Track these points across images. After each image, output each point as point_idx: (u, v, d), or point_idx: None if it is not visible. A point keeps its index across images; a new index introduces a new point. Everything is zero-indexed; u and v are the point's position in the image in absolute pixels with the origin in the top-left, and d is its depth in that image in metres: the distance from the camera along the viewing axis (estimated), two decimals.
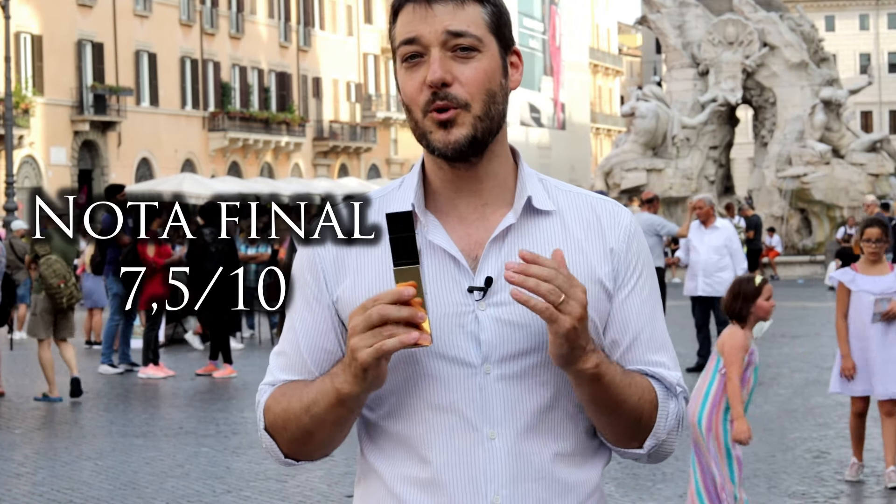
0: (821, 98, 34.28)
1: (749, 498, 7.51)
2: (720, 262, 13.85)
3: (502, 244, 2.07)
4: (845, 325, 8.11)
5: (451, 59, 2.04)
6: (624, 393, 2.04)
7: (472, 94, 2.04)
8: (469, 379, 2.04)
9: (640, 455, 2.14)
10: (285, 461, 2.15)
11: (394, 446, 2.09)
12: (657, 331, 2.15)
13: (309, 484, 8.68)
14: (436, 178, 2.13)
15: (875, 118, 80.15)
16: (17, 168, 42.27)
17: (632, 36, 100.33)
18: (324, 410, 2.04)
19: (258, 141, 56.09)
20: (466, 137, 2.04)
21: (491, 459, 2.04)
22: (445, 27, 2.03)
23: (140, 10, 50.54)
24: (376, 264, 2.08)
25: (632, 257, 2.13)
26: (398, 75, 2.10)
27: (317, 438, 2.09)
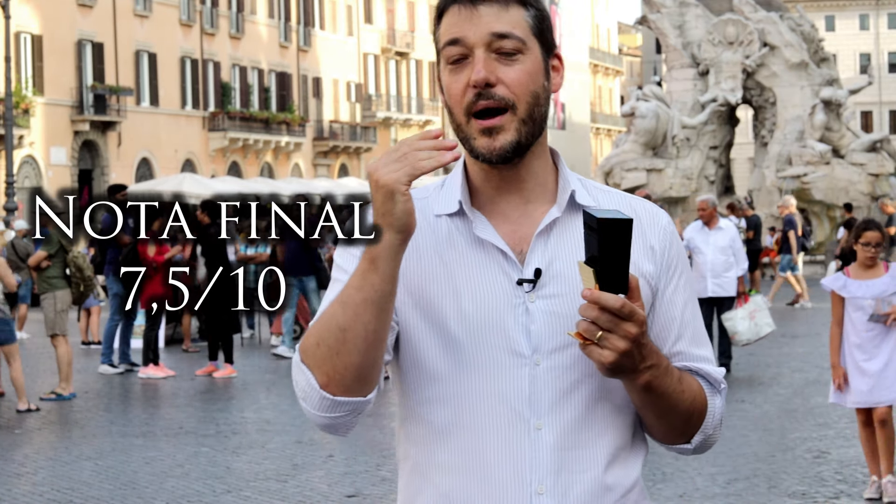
0: (821, 98, 34.27)
1: (749, 498, 7.51)
2: (727, 262, 13.83)
3: (548, 237, 2.11)
4: (839, 332, 7.76)
5: (495, 60, 2.07)
6: (676, 399, 2.08)
7: (517, 95, 2.07)
8: (518, 369, 2.07)
9: (686, 449, 2.18)
10: (321, 396, 2.00)
11: (437, 434, 2.10)
12: (698, 327, 2.21)
13: (309, 484, 8.68)
14: (477, 178, 2.16)
15: (875, 118, 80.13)
16: (17, 168, 42.26)
17: (632, 36, 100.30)
18: (356, 288, 1.96)
19: (258, 141, 56.08)
20: (511, 143, 2.08)
21: (536, 450, 2.06)
22: (490, 29, 2.06)
23: (140, 10, 50.53)
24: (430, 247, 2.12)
25: (672, 257, 2.18)
26: (442, 77, 2.12)
27: (352, 335, 1.96)
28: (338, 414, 2.03)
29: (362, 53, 65.84)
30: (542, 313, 2.07)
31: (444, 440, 2.09)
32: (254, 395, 13.21)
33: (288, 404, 12.38)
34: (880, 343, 7.67)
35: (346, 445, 9.99)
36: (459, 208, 2.12)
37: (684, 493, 8.18)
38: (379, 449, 9.71)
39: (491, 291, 2.08)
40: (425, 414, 2.10)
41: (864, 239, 7.66)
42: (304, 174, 59.25)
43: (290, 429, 10.96)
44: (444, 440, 2.09)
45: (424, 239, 2.11)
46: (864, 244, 7.66)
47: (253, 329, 19.30)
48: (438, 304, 2.07)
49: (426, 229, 2.12)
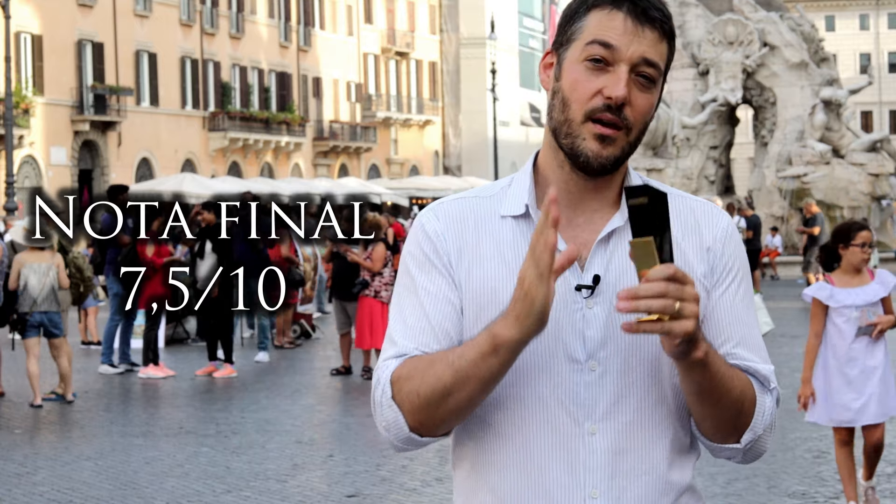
0: (821, 98, 34.27)
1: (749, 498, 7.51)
2: None
3: (607, 245, 2.13)
4: (818, 345, 7.14)
5: (633, 81, 2.08)
6: (728, 383, 2.07)
7: (637, 120, 2.09)
8: (574, 374, 2.09)
9: (736, 451, 2.17)
10: (407, 436, 2.08)
11: (494, 435, 2.12)
12: (751, 332, 2.19)
13: (309, 484, 8.68)
14: (553, 175, 2.16)
15: (875, 118, 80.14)
16: (17, 168, 42.27)
17: None
18: (473, 362, 1.99)
19: (258, 141, 56.09)
20: (616, 157, 2.10)
21: (591, 454, 2.08)
22: (645, 53, 2.07)
23: (140, 10, 50.53)
24: (493, 252, 2.12)
25: (728, 258, 2.18)
26: (570, 66, 2.11)
27: (454, 399, 2.02)
28: (418, 447, 2.13)
29: (362, 53, 65.84)
30: (598, 320, 2.09)
31: (500, 441, 2.12)
32: (254, 395, 13.21)
33: (288, 404, 12.38)
34: (870, 356, 7.10)
35: (346, 445, 10.00)
36: (525, 211, 2.14)
37: None
38: (379, 449, 9.71)
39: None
40: (483, 415, 2.12)
41: (858, 240, 7.08)
42: (304, 174, 59.24)
43: (290, 429, 10.96)
44: (501, 441, 2.11)
45: (489, 241, 2.13)
46: (860, 245, 7.08)
47: (253, 329, 19.29)
48: (499, 308, 2.07)
49: (491, 229, 2.14)
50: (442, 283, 2.12)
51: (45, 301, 12.46)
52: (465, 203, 2.18)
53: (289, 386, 13.73)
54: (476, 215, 2.16)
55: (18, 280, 12.38)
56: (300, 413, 11.88)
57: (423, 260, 2.14)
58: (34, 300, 12.40)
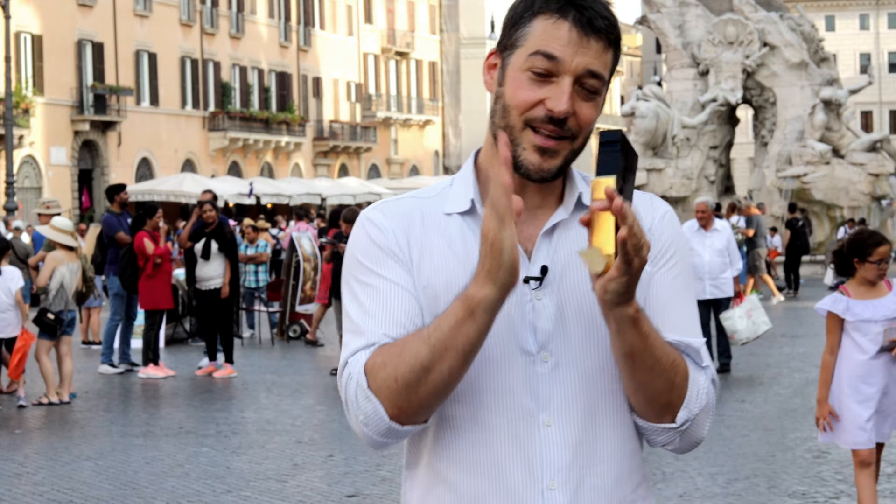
0: (821, 98, 34.27)
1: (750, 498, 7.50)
2: (723, 263, 13.83)
3: (551, 237, 2.13)
4: (833, 362, 6.67)
5: (577, 92, 2.07)
6: (659, 350, 2.05)
7: (581, 129, 2.09)
8: (527, 367, 2.08)
9: (672, 433, 2.13)
10: (388, 426, 2.03)
11: (450, 430, 2.11)
12: (686, 310, 2.18)
13: (309, 484, 8.68)
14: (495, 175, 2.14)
15: (875, 118, 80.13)
16: (17, 168, 42.26)
17: (632, 36, 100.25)
18: (449, 332, 1.96)
19: (258, 141, 56.08)
20: (558, 167, 2.10)
21: (547, 446, 2.07)
22: (589, 65, 2.07)
23: (140, 10, 50.53)
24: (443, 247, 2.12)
25: (666, 239, 2.17)
26: (513, 73, 2.09)
27: (435, 375, 1.97)
28: (398, 439, 2.08)
29: (362, 53, 65.83)
30: (548, 311, 2.08)
31: (456, 436, 2.10)
32: (254, 395, 13.21)
33: (288, 404, 12.38)
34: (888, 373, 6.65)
35: (346, 445, 9.99)
36: (471, 206, 2.13)
37: (684, 493, 8.18)
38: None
39: None
40: (439, 409, 2.10)
41: (875, 256, 6.59)
42: (304, 174, 59.25)
43: (290, 429, 10.96)
44: (457, 436, 2.10)
45: (436, 238, 2.12)
46: (876, 261, 6.60)
47: (253, 329, 19.30)
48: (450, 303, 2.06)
49: (437, 228, 2.13)
50: (399, 270, 2.09)
51: (73, 300, 12.61)
52: (409, 202, 2.17)
53: (289, 386, 13.73)
54: (422, 213, 2.14)
55: (51, 278, 12.40)
56: (300, 413, 11.88)
57: (377, 253, 2.10)
58: (67, 299, 12.50)
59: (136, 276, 14.54)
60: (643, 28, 48.74)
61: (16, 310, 12.04)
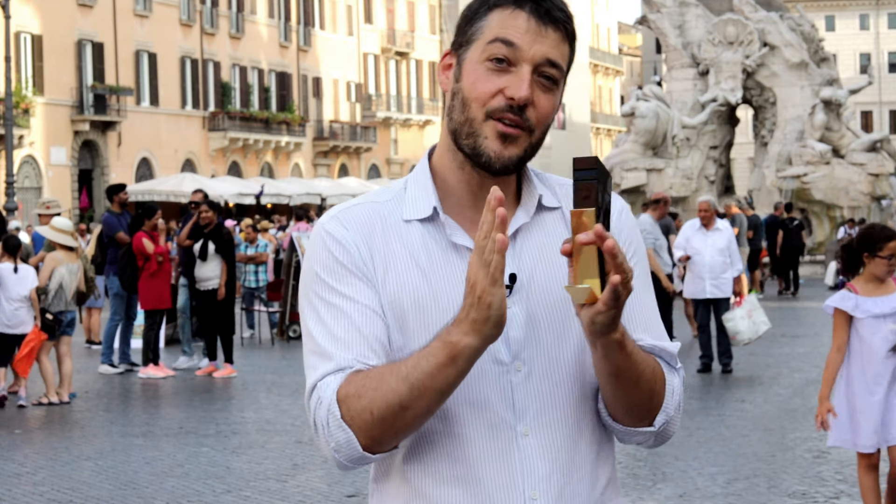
0: (821, 98, 34.28)
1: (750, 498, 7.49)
2: (724, 262, 13.83)
3: (514, 242, 2.10)
4: (840, 360, 6.47)
5: (535, 82, 2.06)
6: (641, 363, 2.06)
7: (539, 122, 2.08)
8: (501, 377, 2.06)
9: (649, 435, 2.15)
10: (360, 455, 2.01)
11: (425, 445, 2.08)
12: (651, 312, 2.18)
13: (309, 484, 8.68)
14: (452, 176, 2.13)
15: (875, 118, 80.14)
16: (17, 168, 42.26)
17: (632, 36, 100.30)
18: (429, 374, 1.94)
19: (258, 141, 56.09)
20: (518, 158, 2.07)
21: (526, 456, 2.06)
22: (547, 54, 2.06)
23: (140, 10, 50.53)
24: (406, 257, 2.08)
25: (626, 237, 2.17)
26: (470, 66, 2.08)
27: (411, 413, 1.97)
28: (367, 465, 2.07)
29: (362, 53, 65.84)
30: (519, 319, 2.06)
31: (434, 450, 2.07)
32: (254, 395, 13.21)
33: (288, 404, 12.38)
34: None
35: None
36: (433, 213, 2.09)
37: (684, 493, 8.19)
38: None
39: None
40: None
41: (886, 251, 6.42)
42: (304, 174, 59.25)
43: (290, 429, 10.96)
44: (435, 450, 2.07)
45: (397, 246, 2.08)
46: (888, 257, 6.42)
47: (253, 329, 19.30)
48: (419, 315, 2.04)
49: (397, 236, 2.09)
50: (365, 290, 2.05)
51: (72, 300, 12.61)
52: (366, 209, 2.11)
53: (289, 386, 13.73)
54: (382, 220, 2.10)
55: (50, 279, 12.42)
56: (300, 413, 11.88)
57: (339, 269, 2.06)
58: (67, 299, 12.52)
59: (136, 276, 14.54)
60: (643, 28, 48.75)
61: (29, 308, 12.23)
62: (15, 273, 12.28)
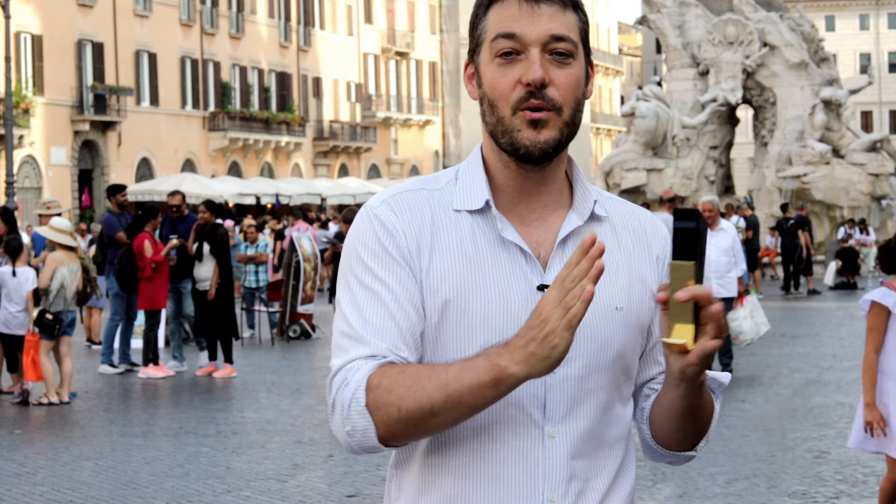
0: (821, 98, 34.27)
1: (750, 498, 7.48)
2: (728, 263, 13.83)
3: (565, 246, 2.10)
4: (877, 361, 6.10)
5: (549, 61, 2.05)
6: (706, 398, 2.13)
7: (565, 98, 2.07)
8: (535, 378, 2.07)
9: (687, 457, 2.22)
10: (372, 447, 2.01)
11: (449, 439, 2.07)
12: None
13: (309, 484, 8.68)
14: (500, 175, 2.13)
15: (875, 118, 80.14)
16: (17, 168, 42.26)
17: (632, 36, 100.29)
18: (467, 389, 1.94)
19: (258, 141, 56.08)
20: (555, 139, 2.07)
21: (549, 458, 2.06)
22: (549, 30, 2.05)
23: (140, 10, 50.53)
24: (454, 246, 2.08)
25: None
26: (484, 68, 2.09)
27: (439, 420, 1.97)
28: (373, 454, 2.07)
29: (362, 53, 65.83)
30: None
31: (456, 445, 2.07)
32: (254, 395, 13.21)
33: (288, 404, 12.38)
34: None
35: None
36: (483, 206, 2.10)
37: (684, 493, 8.19)
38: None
39: (512, 294, 2.05)
40: None
41: None
42: (304, 174, 59.26)
43: (290, 429, 10.96)
44: (457, 445, 2.07)
45: (445, 235, 2.08)
46: None
47: (253, 329, 19.30)
48: (461, 305, 2.04)
49: (447, 223, 2.08)
50: (407, 280, 2.04)
51: (72, 300, 12.63)
52: (418, 196, 2.11)
53: (289, 386, 13.73)
54: (431, 208, 2.09)
55: (51, 279, 12.43)
56: (300, 413, 11.88)
57: (383, 255, 2.05)
58: (67, 299, 12.54)
59: (136, 276, 14.54)
60: (643, 28, 48.75)
61: (27, 309, 12.37)
62: (14, 277, 12.42)
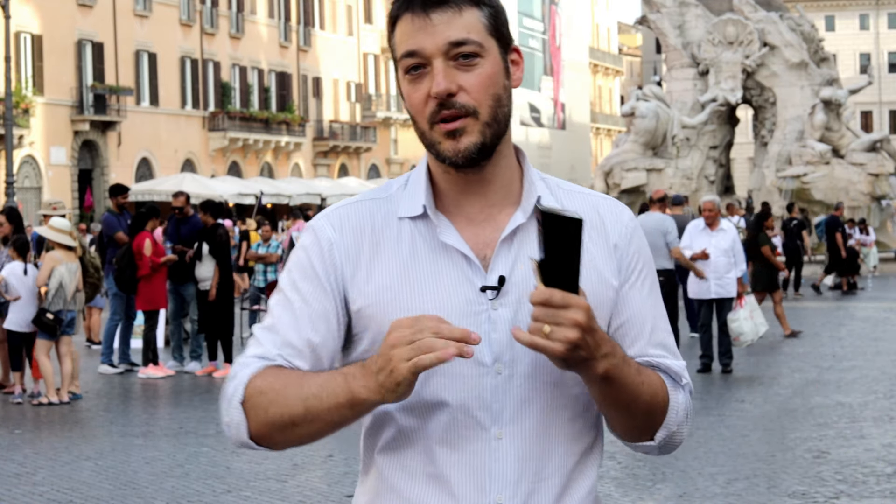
0: (821, 98, 34.29)
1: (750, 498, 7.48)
2: (729, 263, 13.83)
3: (511, 244, 2.08)
4: None
5: (455, 67, 2.03)
6: (637, 391, 2.05)
7: (479, 100, 2.04)
8: (480, 378, 2.04)
9: (651, 447, 2.15)
10: (245, 442, 2.07)
11: (399, 440, 2.09)
12: (659, 324, 2.17)
13: (309, 484, 8.68)
14: (442, 180, 2.12)
15: (875, 118, 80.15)
16: (17, 168, 42.26)
17: (632, 36, 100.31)
18: (326, 408, 1.99)
19: (258, 141, 56.09)
20: (476, 145, 2.04)
21: (497, 459, 2.05)
22: (446, 38, 2.02)
23: (140, 10, 50.54)
24: (392, 255, 2.08)
25: (633, 253, 2.15)
26: (402, 86, 2.09)
27: (300, 431, 2.03)
28: (254, 451, 2.12)
29: (362, 53, 65.85)
30: (504, 322, 2.04)
31: (409, 447, 2.08)
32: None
33: None
34: None
35: (347, 445, 9.99)
36: (423, 212, 2.09)
37: (684, 493, 8.19)
38: None
39: (454, 299, 2.04)
40: (392, 420, 2.09)
41: None
42: (304, 174, 59.26)
43: None
44: (409, 447, 2.08)
45: (388, 246, 2.08)
46: None
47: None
48: (401, 313, 2.03)
49: (389, 233, 2.08)
50: (322, 298, 2.07)
51: (72, 300, 12.64)
52: (362, 207, 2.12)
53: None
54: (373, 220, 2.10)
55: (50, 278, 12.46)
56: None
57: (309, 269, 2.09)
58: (66, 299, 12.56)
59: (135, 276, 14.52)
60: (643, 28, 48.76)
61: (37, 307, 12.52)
62: (24, 274, 12.57)
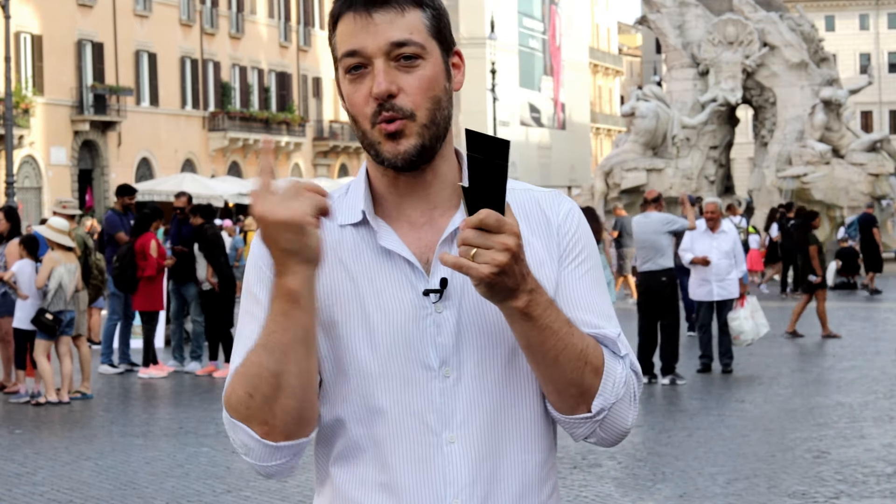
0: (821, 98, 34.29)
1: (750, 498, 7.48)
2: (730, 265, 13.82)
3: (452, 246, 2.05)
4: None
5: (395, 68, 2.02)
6: (565, 338, 1.99)
7: (418, 103, 2.02)
8: (428, 383, 2.03)
9: (589, 422, 2.07)
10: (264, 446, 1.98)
11: (351, 450, 2.07)
12: (598, 301, 2.12)
13: (309, 484, 8.68)
14: (380, 184, 2.11)
15: (875, 118, 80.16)
16: (17, 168, 42.26)
17: (632, 36, 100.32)
18: (281, 330, 1.92)
19: (258, 141, 56.08)
20: (415, 147, 2.02)
21: (450, 464, 2.03)
22: (388, 38, 2.01)
23: (140, 10, 50.54)
24: (335, 262, 2.06)
25: (572, 234, 2.12)
26: (342, 86, 2.07)
27: (285, 381, 1.93)
28: (282, 460, 2.02)
29: None
30: (449, 324, 2.03)
31: (360, 456, 2.06)
32: None
33: None
34: None
35: None
36: (363, 218, 2.07)
37: (684, 493, 8.19)
38: None
39: (398, 304, 2.03)
40: (343, 430, 2.07)
41: None
42: (304, 174, 59.26)
43: None
44: (361, 456, 2.06)
45: (331, 251, 2.05)
46: None
47: None
48: (346, 321, 2.03)
49: (331, 242, 2.06)
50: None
51: (72, 300, 12.66)
52: None
53: None
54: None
55: (49, 279, 12.47)
56: None
57: (264, 277, 2.05)
58: (66, 299, 12.58)
59: (135, 276, 14.50)
60: (643, 28, 48.76)
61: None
62: (36, 272, 12.65)
